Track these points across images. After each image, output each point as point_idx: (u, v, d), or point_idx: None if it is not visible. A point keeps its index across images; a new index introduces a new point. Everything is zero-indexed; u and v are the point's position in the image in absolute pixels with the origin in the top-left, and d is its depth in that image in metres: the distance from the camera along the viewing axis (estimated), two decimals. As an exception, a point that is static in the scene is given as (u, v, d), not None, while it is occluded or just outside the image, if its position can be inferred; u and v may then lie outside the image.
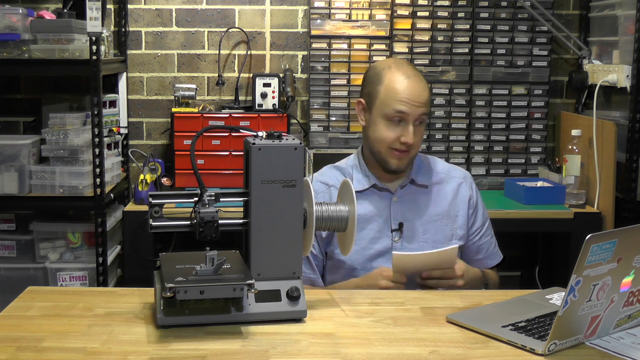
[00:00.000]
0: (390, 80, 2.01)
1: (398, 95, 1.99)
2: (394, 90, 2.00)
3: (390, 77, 2.02)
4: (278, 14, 3.50)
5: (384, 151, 2.02)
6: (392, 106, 1.99)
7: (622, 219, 3.03)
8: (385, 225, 2.06)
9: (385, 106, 2.01)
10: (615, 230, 1.41)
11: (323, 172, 2.17)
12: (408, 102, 1.98)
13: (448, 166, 2.19)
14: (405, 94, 1.98)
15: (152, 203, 1.60)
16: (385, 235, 2.05)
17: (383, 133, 2.01)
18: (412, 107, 1.98)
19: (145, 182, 3.17)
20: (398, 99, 1.99)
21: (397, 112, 1.98)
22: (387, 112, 2.00)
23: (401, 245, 2.04)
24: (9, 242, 3.12)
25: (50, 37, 2.92)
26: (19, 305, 1.70)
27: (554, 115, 3.59)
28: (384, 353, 1.46)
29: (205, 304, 1.57)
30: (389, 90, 2.01)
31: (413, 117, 1.99)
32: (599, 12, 3.42)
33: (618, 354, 1.46)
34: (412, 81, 2.00)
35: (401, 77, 2.01)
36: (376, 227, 2.05)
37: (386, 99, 2.01)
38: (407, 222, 2.05)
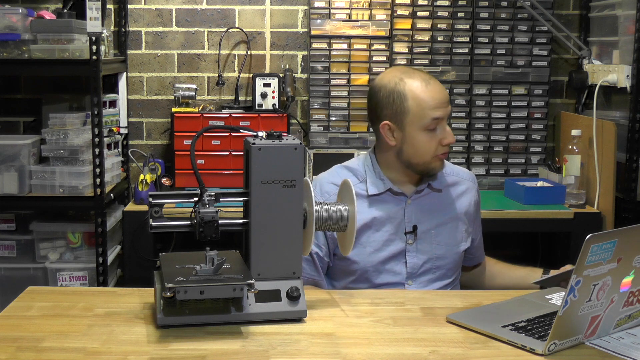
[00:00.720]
0: (414, 93, 1.97)
1: (430, 103, 1.96)
2: (423, 100, 1.97)
3: (412, 89, 1.98)
4: (278, 14, 3.50)
5: (430, 160, 2.01)
6: (429, 116, 1.96)
7: (622, 219, 3.02)
8: (400, 228, 2.05)
9: (421, 119, 1.97)
10: (615, 230, 1.41)
11: (334, 172, 2.13)
12: (440, 106, 1.97)
13: (455, 168, 2.19)
14: (436, 100, 1.97)
15: (152, 203, 1.60)
16: (399, 237, 2.05)
17: (426, 145, 1.99)
18: (444, 109, 1.99)
19: (145, 182, 3.17)
20: (432, 107, 1.96)
21: (434, 120, 1.97)
22: (425, 123, 1.97)
23: (415, 248, 2.04)
24: (9, 242, 3.12)
25: (50, 37, 2.92)
26: (19, 305, 1.70)
27: (554, 115, 3.59)
28: (384, 353, 1.46)
29: (205, 304, 1.57)
30: (418, 102, 1.97)
31: (445, 118, 2.00)
32: (599, 12, 3.42)
33: (618, 354, 1.46)
34: (433, 85, 1.99)
35: (422, 84, 1.98)
36: (390, 230, 2.05)
37: (419, 111, 1.97)
38: (420, 225, 2.05)
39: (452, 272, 2.09)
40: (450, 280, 2.10)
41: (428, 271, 2.05)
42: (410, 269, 2.03)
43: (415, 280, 2.04)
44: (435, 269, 2.05)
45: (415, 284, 2.04)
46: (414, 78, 2.00)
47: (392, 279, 2.03)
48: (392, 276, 2.03)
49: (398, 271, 2.03)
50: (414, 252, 2.03)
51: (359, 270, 2.03)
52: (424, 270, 2.04)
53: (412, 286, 2.03)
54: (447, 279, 2.08)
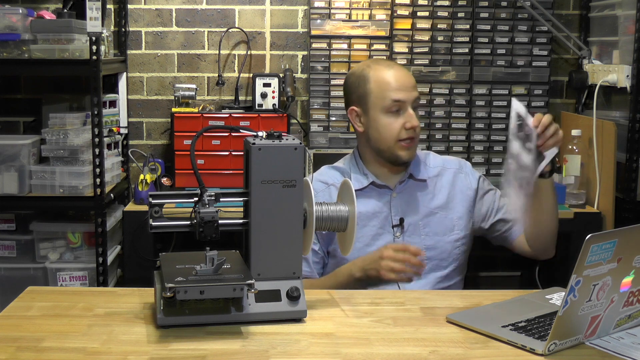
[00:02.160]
0: (376, 76, 2.06)
1: (390, 85, 2.03)
2: (384, 81, 2.04)
3: (375, 73, 2.06)
4: (278, 14, 3.50)
5: (393, 145, 2.03)
6: (389, 97, 2.02)
7: (622, 219, 3.02)
8: (387, 222, 2.07)
9: (381, 100, 2.04)
10: (615, 230, 1.41)
11: (322, 171, 2.19)
12: (401, 89, 2.02)
13: (442, 158, 2.21)
14: (396, 82, 2.03)
15: (152, 203, 1.60)
16: (387, 231, 2.06)
17: (389, 128, 2.03)
18: (406, 92, 2.02)
19: (145, 182, 3.17)
20: (392, 89, 2.03)
21: (394, 101, 2.02)
22: (385, 104, 2.03)
23: (403, 241, 2.05)
24: (9, 242, 3.12)
25: (50, 37, 2.92)
26: (19, 305, 1.70)
27: (554, 115, 3.57)
28: (384, 353, 1.46)
29: (205, 304, 1.57)
30: (379, 83, 2.04)
31: (409, 102, 2.03)
32: (599, 12, 3.42)
33: (618, 354, 1.46)
34: (397, 69, 2.06)
35: (385, 68, 2.07)
36: (377, 224, 2.06)
37: (380, 92, 2.04)
38: (407, 217, 2.06)
39: (446, 263, 2.09)
40: (446, 271, 2.08)
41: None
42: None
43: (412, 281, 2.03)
44: (427, 260, 2.05)
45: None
46: (380, 64, 2.09)
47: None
48: None
49: None
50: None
51: None
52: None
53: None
54: (442, 270, 2.08)
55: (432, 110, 3.44)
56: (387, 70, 2.05)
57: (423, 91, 3.42)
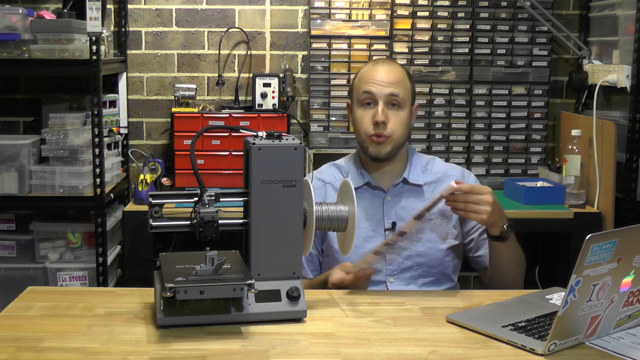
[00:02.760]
0: (362, 70, 2.11)
1: (365, 77, 2.07)
2: (362, 74, 2.08)
3: (363, 69, 2.11)
4: (278, 14, 3.50)
5: (365, 139, 2.06)
6: (361, 89, 2.06)
7: (622, 219, 3.02)
8: (379, 225, 2.06)
9: (357, 92, 2.08)
10: (615, 230, 1.41)
11: (322, 169, 2.20)
12: (373, 82, 2.04)
13: (446, 166, 2.19)
14: (370, 75, 2.06)
15: (152, 203, 1.60)
16: (379, 234, 2.05)
17: (359, 120, 2.07)
18: (378, 86, 2.03)
19: (145, 182, 3.17)
20: (365, 82, 2.06)
21: (364, 92, 2.05)
22: (358, 96, 2.07)
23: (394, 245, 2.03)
24: (9, 242, 3.12)
25: (50, 37, 2.92)
26: (19, 305, 1.70)
27: (554, 115, 3.59)
28: (384, 353, 1.46)
29: (205, 304, 1.57)
30: (360, 76, 2.09)
31: (381, 97, 2.03)
32: (599, 12, 3.42)
33: (618, 354, 1.46)
34: (379, 65, 2.08)
35: (372, 64, 2.11)
36: (369, 226, 2.05)
37: (357, 84, 2.09)
38: (400, 222, 2.05)
39: (436, 270, 2.07)
40: (434, 278, 2.06)
41: (409, 268, 2.04)
42: (390, 266, 2.03)
43: (397, 277, 2.03)
44: (417, 267, 2.04)
45: (397, 282, 2.03)
46: (373, 61, 2.14)
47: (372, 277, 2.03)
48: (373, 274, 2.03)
49: (378, 268, 2.03)
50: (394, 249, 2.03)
51: None
52: (405, 267, 2.04)
53: (394, 284, 2.02)
54: (431, 277, 2.06)
55: (432, 110, 3.44)
56: (373, 65, 2.09)
57: (423, 91, 3.42)
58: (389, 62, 2.12)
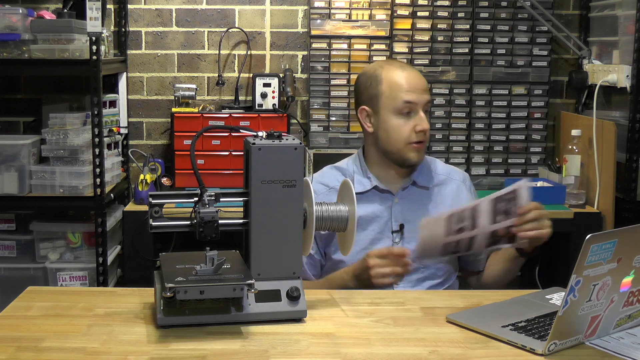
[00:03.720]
0: (389, 76, 2.04)
1: (402, 86, 2.01)
2: (397, 83, 2.02)
3: (388, 74, 2.04)
4: (278, 14, 3.50)
5: (402, 147, 2.02)
6: (400, 98, 2.00)
7: (622, 219, 3.02)
8: (386, 227, 2.06)
9: (392, 101, 2.02)
10: (615, 230, 1.41)
11: (324, 172, 2.17)
12: (414, 91, 2.01)
13: (448, 167, 2.19)
14: (408, 84, 2.01)
15: (152, 203, 1.60)
16: (386, 236, 2.05)
17: (399, 130, 2.02)
18: (418, 95, 2.01)
19: (145, 182, 3.17)
20: (404, 90, 2.01)
21: (405, 102, 2.00)
22: (396, 105, 2.01)
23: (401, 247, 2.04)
24: (9, 242, 3.12)
25: (50, 37, 2.92)
26: (19, 305, 1.70)
27: (554, 115, 3.59)
28: (384, 353, 1.46)
29: (205, 304, 1.57)
30: (392, 84, 2.02)
31: (421, 105, 2.01)
32: (599, 12, 3.42)
33: (618, 354, 1.46)
34: (409, 71, 2.04)
35: (398, 70, 2.05)
36: (377, 229, 2.05)
37: (391, 93, 2.02)
38: (408, 224, 2.05)
39: (441, 272, 2.08)
40: (440, 280, 2.07)
41: (416, 270, 2.04)
42: None
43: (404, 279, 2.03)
44: (424, 269, 2.05)
45: (403, 284, 2.03)
46: (393, 65, 2.08)
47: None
48: None
49: None
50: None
51: None
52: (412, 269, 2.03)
53: (400, 285, 2.03)
54: (437, 279, 2.07)
55: (432, 110, 3.44)
56: (400, 71, 2.03)
57: (423, 91, 3.42)
58: (410, 66, 2.08)
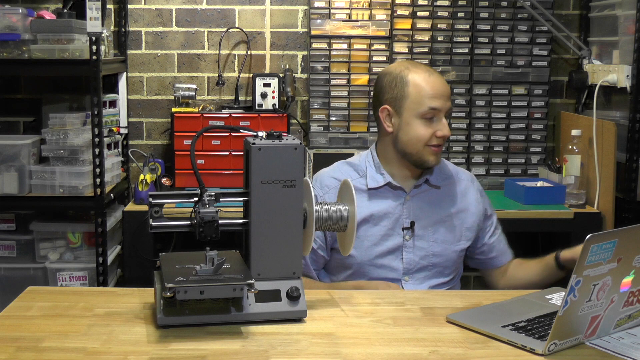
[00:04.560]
0: (416, 80, 2.03)
1: (429, 92, 2.01)
2: (423, 88, 2.02)
3: (414, 77, 2.03)
4: (278, 14, 3.50)
5: (421, 149, 2.03)
6: (426, 104, 2.01)
7: (622, 219, 3.02)
8: (397, 223, 2.07)
9: (418, 105, 2.02)
10: (615, 230, 1.41)
11: (335, 167, 2.17)
12: (439, 98, 2.01)
13: (455, 167, 2.22)
14: (435, 90, 2.01)
15: (152, 203, 1.60)
16: (397, 233, 2.06)
17: (419, 132, 2.02)
18: (443, 101, 2.02)
19: (145, 182, 3.17)
20: (430, 96, 2.01)
21: (431, 109, 2.01)
22: (422, 110, 2.01)
23: (412, 244, 2.05)
24: (9, 242, 3.12)
25: (50, 37, 2.92)
26: (19, 305, 1.70)
27: (554, 115, 3.59)
28: (384, 353, 1.46)
29: (205, 304, 1.57)
30: (419, 88, 2.02)
31: (444, 112, 2.03)
32: (599, 12, 3.42)
33: (618, 354, 1.46)
34: (436, 77, 2.04)
35: (425, 74, 2.04)
36: (388, 225, 2.06)
37: (417, 97, 2.02)
38: (418, 221, 2.07)
39: (449, 271, 2.10)
40: (448, 278, 2.10)
41: (424, 268, 2.06)
42: (406, 265, 2.04)
43: (412, 276, 2.05)
44: (432, 266, 2.07)
45: (411, 281, 2.05)
46: (419, 68, 2.07)
47: (388, 275, 2.04)
48: (389, 271, 2.05)
49: (395, 267, 2.04)
50: (411, 248, 2.05)
51: (356, 265, 2.05)
52: (420, 267, 2.06)
53: (409, 282, 2.04)
54: (445, 277, 2.09)
55: (432, 110, 3.44)
56: (427, 75, 2.03)
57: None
58: (436, 71, 2.08)
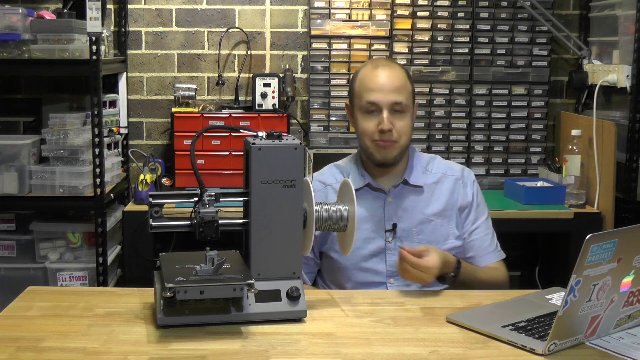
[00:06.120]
0: (361, 75, 2.07)
1: (368, 85, 2.04)
2: (364, 82, 2.05)
3: (362, 72, 2.08)
4: (278, 14, 3.50)
5: (370, 144, 2.04)
6: (364, 98, 2.03)
7: (622, 219, 3.02)
8: (379, 226, 2.05)
9: (359, 100, 2.05)
10: (615, 230, 1.41)
11: (323, 171, 2.19)
12: (377, 91, 2.01)
13: (446, 165, 2.17)
14: (374, 84, 2.02)
15: (152, 203, 1.60)
16: (379, 235, 2.05)
17: (362, 126, 2.05)
18: (382, 95, 2.01)
19: (145, 182, 3.17)
20: (368, 90, 2.03)
21: (368, 102, 2.02)
22: (362, 104, 2.04)
23: (394, 246, 2.04)
24: (9, 242, 3.12)
25: (50, 37, 2.92)
26: (19, 305, 1.70)
27: (554, 115, 3.59)
28: (384, 353, 1.46)
29: (205, 304, 1.57)
30: (361, 83, 2.06)
31: (385, 105, 2.01)
32: (599, 12, 3.42)
33: (618, 354, 1.46)
34: (381, 70, 2.04)
35: (371, 68, 2.06)
36: (370, 228, 2.05)
37: (359, 92, 2.05)
38: (401, 223, 2.05)
39: None
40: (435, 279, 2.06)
41: None
42: (390, 267, 2.03)
43: (397, 278, 2.02)
44: None
45: (397, 282, 2.02)
46: (372, 63, 2.09)
47: (373, 278, 2.03)
48: (373, 275, 2.03)
49: (379, 270, 2.03)
50: (394, 250, 2.03)
51: (341, 269, 2.04)
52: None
53: (394, 285, 2.02)
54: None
55: (432, 110, 3.44)
56: (372, 70, 2.05)
57: (423, 91, 3.42)
58: (389, 65, 2.07)
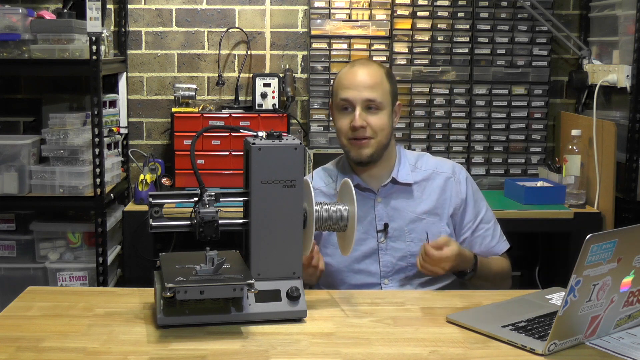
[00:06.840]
0: (339, 74, 2.09)
1: (342, 83, 2.05)
2: (340, 80, 2.06)
3: (341, 71, 2.09)
4: (278, 14, 3.50)
5: (345, 142, 2.05)
6: (339, 95, 2.04)
7: (622, 219, 3.02)
8: (371, 227, 2.05)
9: (335, 98, 2.07)
10: (615, 230, 1.41)
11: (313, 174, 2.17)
12: (349, 88, 2.02)
13: (436, 162, 2.15)
14: (348, 81, 2.03)
15: (152, 203, 1.60)
16: (371, 236, 2.04)
17: (338, 124, 2.06)
18: (355, 91, 2.01)
19: (145, 182, 3.17)
20: (342, 87, 2.04)
21: (342, 100, 2.03)
22: (337, 102, 2.06)
23: (387, 246, 2.03)
24: (9, 242, 3.12)
25: (50, 37, 2.92)
26: (19, 305, 1.70)
27: (554, 115, 3.59)
28: (384, 353, 1.46)
29: (205, 304, 1.57)
30: (337, 81, 2.08)
31: (358, 102, 2.01)
32: (599, 12, 3.42)
33: (618, 354, 1.46)
34: (356, 69, 2.05)
35: (348, 67, 2.07)
36: (362, 229, 2.04)
37: (336, 90, 2.07)
38: (392, 223, 2.04)
39: None
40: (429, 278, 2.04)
41: (404, 269, 2.03)
42: (384, 268, 2.03)
43: (392, 278, 2.03)
44: (411, 267, 2.03)
45: (391, 283, 2.02)
46: (351, 63, 2.11)
47: (367, 280, 2.03)
48: (367, 276, 2.03)
49: (372, 271, 2.03)
50: (387, 250, 2.03)
51: (335, 272, 2.04)
52: (399, 268, 2.03)
53: (389, 285, 2.02)
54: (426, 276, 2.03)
55: (432, 110, 3.44)
56: (350, 69, 2.06)
57: (423, 91, 3.42)
58: (366, 64, 2.07)
